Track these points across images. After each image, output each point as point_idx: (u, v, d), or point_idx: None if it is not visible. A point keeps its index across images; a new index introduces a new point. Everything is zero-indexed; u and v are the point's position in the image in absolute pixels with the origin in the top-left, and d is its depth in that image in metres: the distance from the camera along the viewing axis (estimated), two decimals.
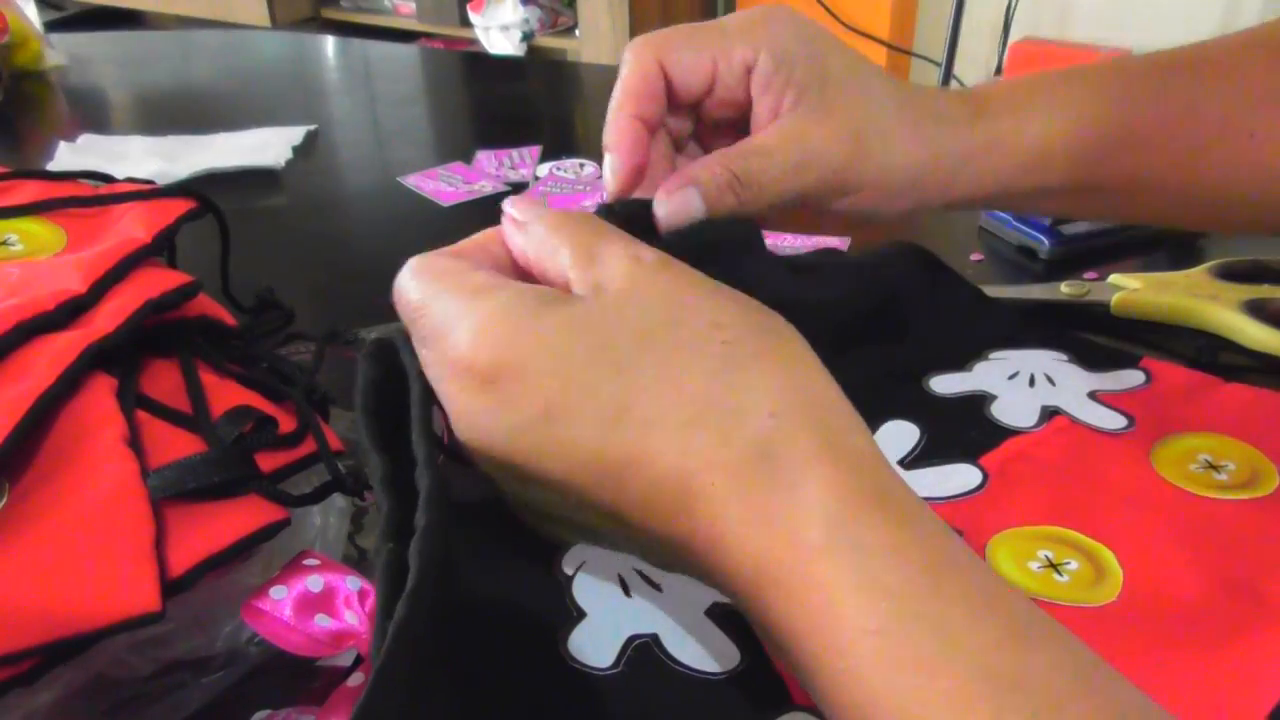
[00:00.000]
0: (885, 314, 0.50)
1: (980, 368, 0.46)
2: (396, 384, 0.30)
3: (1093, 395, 0.43)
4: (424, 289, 0.28)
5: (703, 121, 0.39)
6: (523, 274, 0.30)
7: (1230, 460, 0.38)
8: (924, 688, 0.21)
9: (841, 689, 0.22)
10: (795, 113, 0.36)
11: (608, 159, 0.36)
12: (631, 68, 0.37)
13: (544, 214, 0.30)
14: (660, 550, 0.26)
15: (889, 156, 0.38)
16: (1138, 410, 0.42)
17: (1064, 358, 0.46)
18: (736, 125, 0.38)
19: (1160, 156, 0.42)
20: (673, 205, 0.34)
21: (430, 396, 0.28)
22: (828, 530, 0.22)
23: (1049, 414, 0.42)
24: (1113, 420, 0.41)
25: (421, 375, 0.28)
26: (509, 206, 0.31)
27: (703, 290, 0.27)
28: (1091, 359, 0.46)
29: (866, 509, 0.23)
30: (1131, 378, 0.44)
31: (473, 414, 0.26)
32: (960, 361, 0.46)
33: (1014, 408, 0.42)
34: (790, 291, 0.51)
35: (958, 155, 0.40)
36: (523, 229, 0.30)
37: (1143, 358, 0.46)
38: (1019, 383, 0.44)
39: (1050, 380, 0.44)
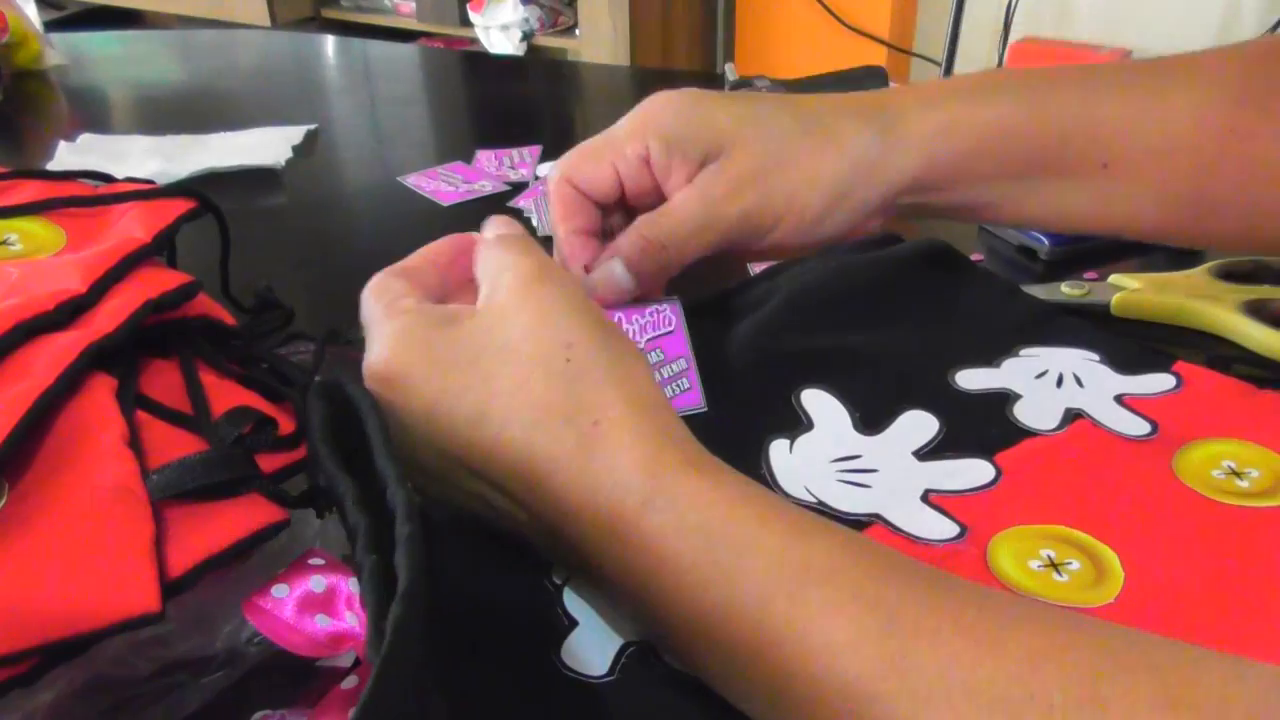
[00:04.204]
0: (912, 306, 0.49)
1: (1009, 364, 0.45)
2: (351, 418, 0.29)
3: (1119, 399, 0.42)
4: (366, 308, 0.35)
5: (641, 212, 0.42)
6: (461, 282, 0.36)
7: (1255, 468, 0.38)
8: (732, 599, 0.26)
9: (671, 609, 0.27)
10: (698, 178, 0.40)
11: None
12: (552, 193, 0.41)
13: (494, 239, 0.35)
14: (533, 527, 0.31)
15: (799, 183, 0.40)
16: (1165, 416, 0.41)
17: (1095, 358, 0.45)
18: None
19: (1124, 143, 0.41)
20: (598, 277, 0.39)
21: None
22: (641, 498, 0.28)
23: (1072, 417, 0.41)
24: (1137, 426, 0.41)
25: (375, 407, 0.29)
26: (486, 226, 0.37)
27: (564, 310, 0.32)
28: (1123, 360, 0.45)
29: (674, 474, 0.28)
30: (1161, 382, 0.43)
31: (384, 407, 0.31)
32: (990, 357, 0.46)
33: (1037, 409, 0.42)
34: (818, 282, 0.51)
35: (877, 154, 0.41)
36: (481, 245, 0.36)
37: (1176, 361, 0.45)
38: (1046, 382, 0.44)
39: (1079, 381, 0.44)
